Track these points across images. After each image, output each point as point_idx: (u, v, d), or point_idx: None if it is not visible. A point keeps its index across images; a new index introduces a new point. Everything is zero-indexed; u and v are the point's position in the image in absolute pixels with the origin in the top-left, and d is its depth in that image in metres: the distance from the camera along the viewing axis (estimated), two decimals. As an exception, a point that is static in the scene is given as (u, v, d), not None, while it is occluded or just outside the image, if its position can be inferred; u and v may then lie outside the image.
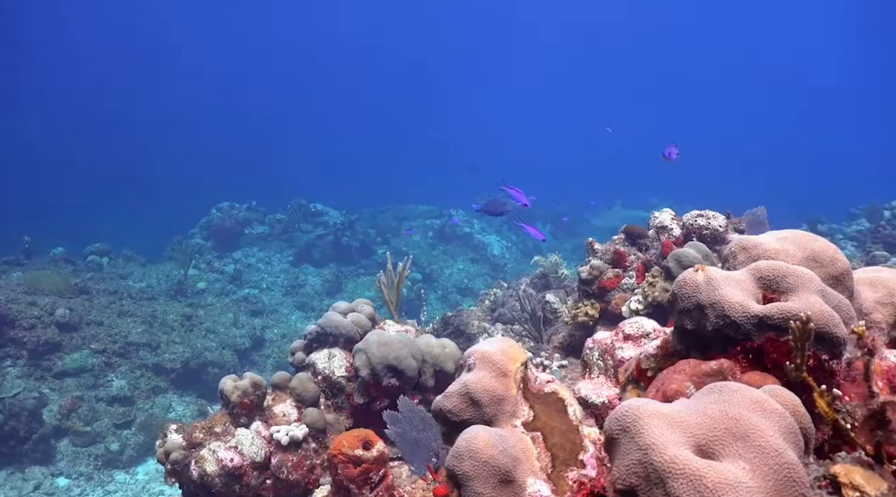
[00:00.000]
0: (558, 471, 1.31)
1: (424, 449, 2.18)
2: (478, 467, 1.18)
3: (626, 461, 0.98)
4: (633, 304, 3.72)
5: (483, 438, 1.21)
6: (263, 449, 3.08)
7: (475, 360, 1.53)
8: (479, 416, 1.42)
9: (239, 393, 3.19)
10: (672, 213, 4.12)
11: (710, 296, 1.35)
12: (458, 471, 1.21)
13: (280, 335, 11.61)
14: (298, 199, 16.74)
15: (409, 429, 2.31)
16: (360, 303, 3.95)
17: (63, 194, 25.51)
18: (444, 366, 3.49)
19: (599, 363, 1.86)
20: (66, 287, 9.93)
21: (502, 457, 1.19)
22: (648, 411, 1.00)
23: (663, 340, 1.58)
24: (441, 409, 1.48)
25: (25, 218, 19.02)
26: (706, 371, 1.28)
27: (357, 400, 3.43)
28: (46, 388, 8.33)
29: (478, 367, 1.50)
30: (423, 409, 2.47)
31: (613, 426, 1.04)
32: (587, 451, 1.35)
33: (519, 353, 1.64)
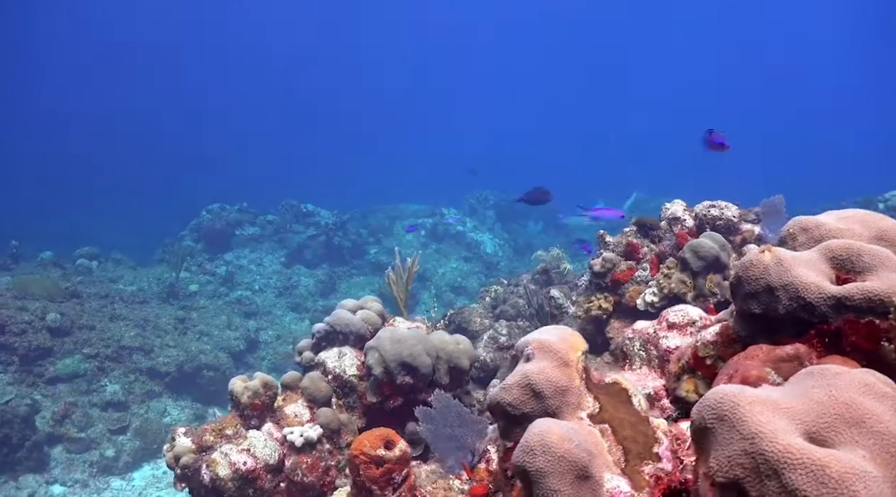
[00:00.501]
0: (632, 465, 1.23)
1: (460, 446, 2.09)
2: (553, 463, 1.09)
3: (728, 452, 0.90)
4: (648, 296, 3.66)
5: (557, 432, 1.13)
6: (277, 451, 2.98)
7: (534, 349, 1.44)
8: (542, 409, 1.33)
9: (250, 394, 3.09)
10: (684, 203, 4.06)
11: (782, 277, 1.27)
12: (531, 467, 1.12)
13: (274, 337, 11.48)
14: (289, 200, 16.59)
15: (444, 425, 2.22)
16: (368, 300, 3.86)
17: (46, 198, 25.17)
18: (458, 362, 3.41)
19: (641, 353, 1.78)
20: (57, 291, 9.76)
21: (578, 451, 1.11)
22: (748, 398, 0.92)
23: (723, 327, 1.51)
24: (500, 403, 1.39)
25: (9, 222, 18.75)
26: (782, 356, 1.21)
27: (370, 399, 3.34)
28: (39, 395, 8.16)
29: (537, 357, 1.42)
30: (459, 403, 2.37)
31: (707, 415, 0.96)
32: (661, 444, 1.27)
33: (579, 342, 1.55)
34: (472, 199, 20.06)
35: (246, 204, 16.33)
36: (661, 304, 3.63)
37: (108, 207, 24.61)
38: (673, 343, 1.72)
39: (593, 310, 3.85)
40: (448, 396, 2.40)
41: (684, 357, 1.60)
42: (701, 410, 0.98)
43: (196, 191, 23.21)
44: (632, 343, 1.80)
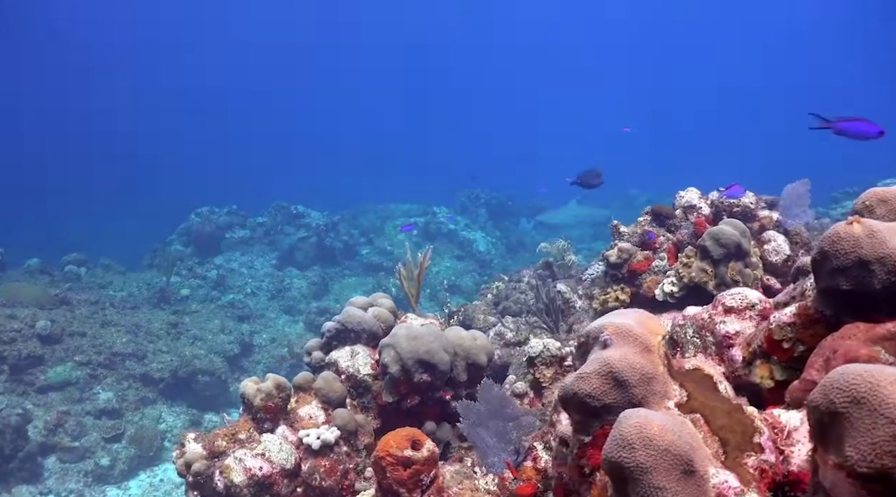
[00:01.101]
0: (733, 457, 1.12)
1: (503, 443, 1.97)
2: (656, 457, 0.98)
3: (871, 439, 0.80)
4: (667, 286, 3.56)
5: (657, 422, 1.02)
6: (293, 455, 2.85)
7: (612, 334, 1.33)
8: (626, 399, 1.22)
9: (262, 396, 2.96)
10: (698, 191, 3.97)
11: (876, 250, 1.17)
12: (629, 462, 1.01)
13: (269, 340, 11.31)
14: (279, 202, 16.40)
15: (488, 419, 2.10)
16: (378, 297, 3.74)
17: (29, 204, 24.81)
18: (476, 358, 3.30)
19: (695, 340, 1.68)
20: (46, 298, 9.55)
21: (682, 443, 1.00)
22: (888, 377, 0.82)
23: (800, 307, 1.41)
24: (576, 394, 1.28)
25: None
26: (884, 334, 1.11)
27: (385, 398, 3.22)
28: (30, 404, 7.96)
29: (616, 343, 1.31)
30: (506, 395, 2.25)
31: (837, 398, 0.86)
32: (762, 433, 1.17)
33: (657, 325, 1.45)
34: (463, 198, 19.96)
35: (235, 206, 16.14)
36: (680, 294, 3.54)
37: (93, 213, 24.30)
38: (732, 328, 1.62)
39: (610, 302, 3.75)
40: (497, 387, 2.27)
41: (755, 341, 1.50)
42: (827, 393, 0.88)
43: (183, 194, 22.95)
44: (683, 330, 1.70)
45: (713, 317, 1.68)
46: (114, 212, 24.71)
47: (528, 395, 3.66)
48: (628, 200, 23.50)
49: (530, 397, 3.67)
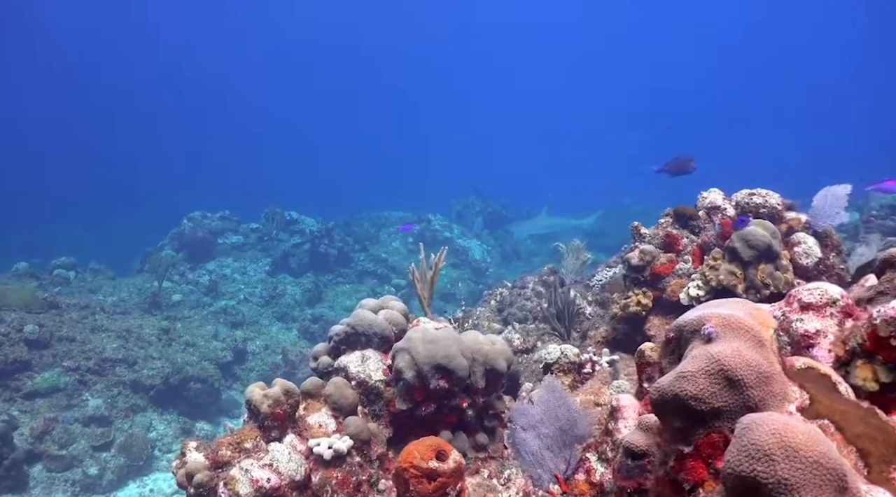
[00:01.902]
0: (878, 471, 0.95)
1: (554, 452, 1.79)
2: (804, 471, 0.81)
3: None
4: (693, 289, 3.41)
5: (802, 430, 0.85)
6: (303, 466, 2.66)
7: (717, 327, 1.16)
8: (741, 402, 1.05)
9: (270, 402, 2.77)
10: (721, 192, 3.82)
11: None
12: (768, 478, 0.84)
13: (262, 347, 11.08)
14: (273, 208, 16.16)
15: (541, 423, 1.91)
16: (388, 299, 3.55)
17: (17, 209, 24.43)
18: (494, 364, 3.12)
19: (769, 341, 1.52)
20: (35, 302, 9.29)
21: (833, 455, 0.83)
22: None
23: (910, 300, 1.25)
24: (678, 396, 1.10)
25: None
26: None
27: (399, 406, 3.03)
28: (16, 410, 7.70)
29: (724, 337, 1.14)
30: (568, 397, 2.07)
31: None
32: (910, 444, 1.00)
33: (768, 317, 1.27)
34: (458, 206, 19.83)
35: (228, 211, 15.90)
36: (706, 297, 3.38)
37: (83, 218, 23.97)
38: (811, 326, 1.46)
39: (631, 306, 3.58)
40: (559, 386, 2.08)
41: (852, 339, 1.34)
42: None
43: (175, 199, 22.69)
44: (749, 330, 1.53)
45: (787, 314, 1.52)
46: (104, 217, 24.40)
47: (546, 403, 3.49)
48: (622, 209, 23.44)
49: (548, 406, 3.49)
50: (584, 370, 3.57)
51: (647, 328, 3.53)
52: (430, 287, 3.81)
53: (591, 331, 4.25)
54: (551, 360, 3.59)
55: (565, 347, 3.61)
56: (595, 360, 3.56)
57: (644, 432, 1.31)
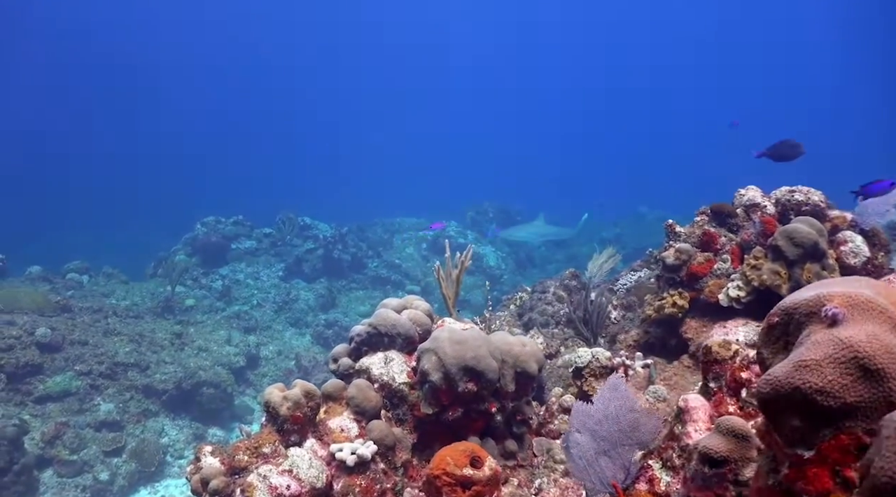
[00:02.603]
0: None
1: (612, 458, 1.63)
2: None
3: None
4: (733, 290, 3.23)
5: None
6: (324, 472, 2.51)
7: (842, 307, 0.99)
8: (881, 396, 0.88)
9: (289, 405, 2.62)
10: (759, 189, 3.65)
11: None
12: None
13: (276, 352, 10.95)
14: (287, 213, 16.08)
15: (605, 425, 1.74)
16: (411, 299, 3.40)
17: (33, 215, 24.49)
18: (525, 366, 2.95)
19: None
20: (47, 305, 9.21)
21: None
22: None
23: None
24: (799, 388, 0.93)
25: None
26: None
27: (424, 410, 2.87)
28: (27, 414, 7.60)
29: (852, 319, 0.97)
30: (632, 396, 1.90)
31: None
32: None
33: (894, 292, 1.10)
34: (472, 212, 19.68)
35: (242, 216, 15.82)
36: (747, 299, 3.21)
37: (96, 223, 23.99)
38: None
39: (667, 307, 3.41)
40: (623, 385, 1.91)
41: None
42: None
43: (188, 204, 22.68)
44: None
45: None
46: (117, 222, 24.42)
47: (577, 409, 3.32)
48: (637, 218, 23.25)
49: (579, 412, 3.32)
50: (616, 375, 3.39)
51: (684, 331, 3.36)
52: (456, 286, 3.66)
53: (621, 334, 4.08)
54: (582, 364, 3.42)
55: (596, 351, 3.45)
56: (628, 365, 3.39)
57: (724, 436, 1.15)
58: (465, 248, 3.96)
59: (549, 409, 3.34)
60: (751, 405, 1.58)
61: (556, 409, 3.31)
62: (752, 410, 1.58)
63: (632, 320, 4.20)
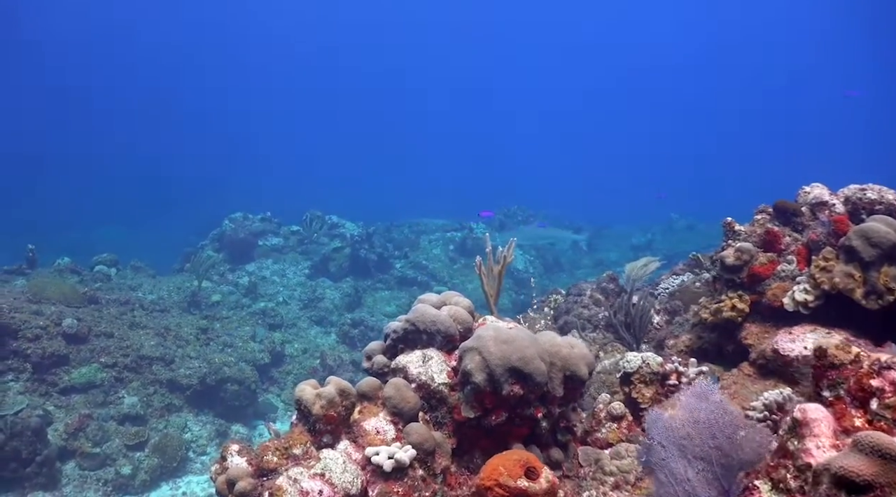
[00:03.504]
0: None
1: (708, 478, 1.41)
2: None
3: None
4: (799, 294, 2.99)
5: None
6: (359, 477, 2.32)
7: None
8: None
9: (323, 403, 2.43)
10: (826, 187, 3.40)
11: None
12: None
13: (301, 350, 10.83)
14: (314, 211, 16.01)
15: (696, 440, 1.52)
16: (450, 295, 3.21)
17: (63, 210, 24.76)
18: (575, 370, 2.74)
19: None
20: (74, 296, 9.17)
21: None
22: None
23: None
24: None
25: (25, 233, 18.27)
26: None
27: (465, 413, 2.67)
28: (52, 405, 7.54)
29: None
30: (728, 406, 1.69)
31: None
32: None
33: None
34: (500, 215, 19.46)
35: (269, 213, 15.78)
36: (815, 303, 2.96)
37: (124, 218, 24.19)
38: None
39: (725, 311, 3.18)
40: (715, 391, 1.70)
41: None
42: None
43: (215, 201, 22.76)
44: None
45: None
46: (146, 217, 24.62)
47: (626, 417, 3.10)
48: (668, 225, 22.87)
49: (629, 421, 3.11)
50: (668, 382, 3.17)
51: (743, 337, 3.12)
52: (498, 283, 3.45)
53: (669, 339, 3.84)
54: (631, 369, 3.20)
55: (647, 355, 3.23)
56: (681, 371, 3.16)
57: (866, 456, 0.95)
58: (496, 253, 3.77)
59: (595, 417, 3.12)
60: (883, 419, 1.37)
61: (603, 416, 3.09)
62: (884, 425, 1.37)
63: (682, 325, 3.97)
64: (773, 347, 2.88)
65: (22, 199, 25.46)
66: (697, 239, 20.07)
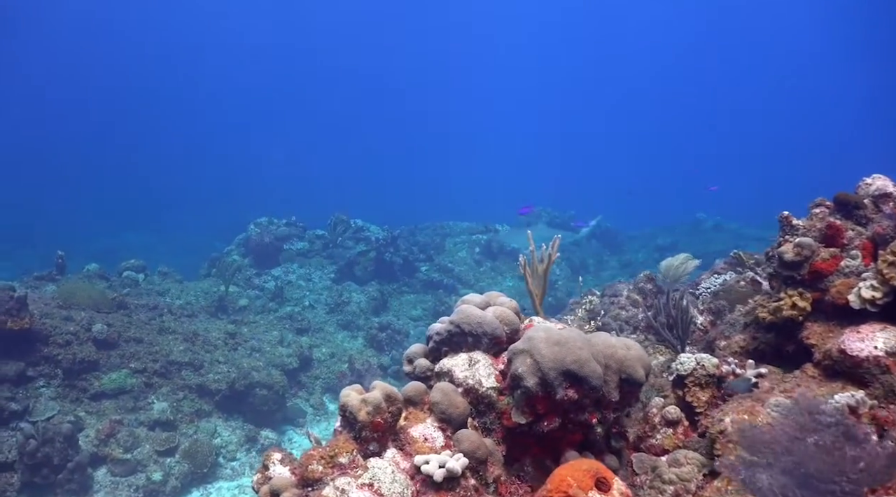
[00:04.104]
0: None
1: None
2: None
3: None
4: (866, 291, 2.82)
5: None
6: (409, 488, 2.20)
7: None
8: None
9: (369, 409, 2.32)
10: (889, 178, 3.23)
11: None
12: None
13: (328, 355, 10.75)
14: (339, 215, 15.97)
15: (800, 457, 1.36)
16: (494, 295, 3.08)
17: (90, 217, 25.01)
18: (632, 372, 2.60)
19: None
20: (104, 301, 9.17)
21: None
22: None
23: None
24: None
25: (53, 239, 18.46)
26: None
27: (515, 419, 2.54)
28: (82, 411, 7.52)
29: None
30: (852, 420, 1.54)
31: None
32: None
33: None
34: (524, 217, 19.29)
35: (294, 217, 15.76)
36: (884, 300, 2.79)
37: (150, 225, 24.37)
38: None
39: (785, 310, 3.01)
40: (821, 404, 1.56)
41: None
42: None
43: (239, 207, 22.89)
44: None
45: None
46: (171, 224, 24.78)
47: (682, 422, 2.95)
48: (695, 225, 22.54)
49: (684, 426, 2.95)
50: (725, 385, 3.01)
51: (805, 337, 2.95)
52: (543, 282, 3.32)
53: (719, 341, 3.68)
54: (684, 372, 3.05)
55: (701, 357, 3.07)
56: (738, 373, 3.00)
57: None
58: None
59: (648, 421, 2.98)
60: None
61: (657, 421, 2.94)
62: None
63: (732, 325, 3.79)
64: (840, 347, 2.72)
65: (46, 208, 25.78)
66: (726, 238, 19.72)
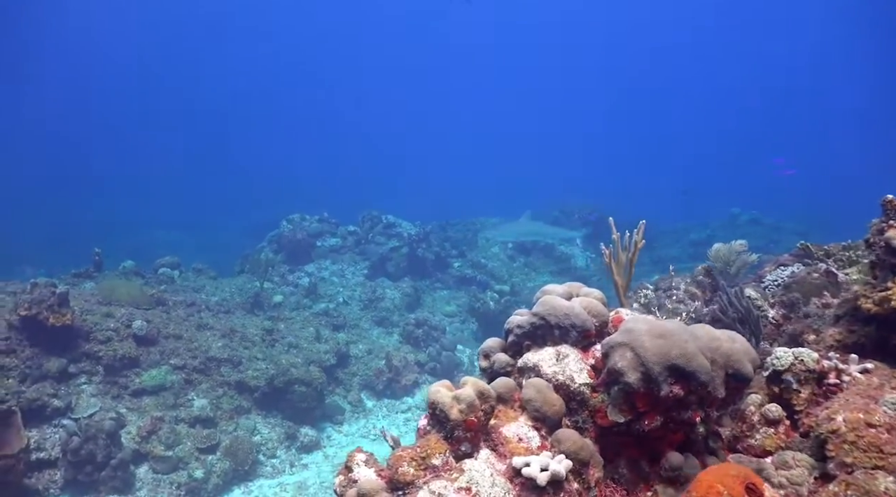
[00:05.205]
0: None
1: None
2: None
3: None
4: None
5: None
6: (510, 492, 2.02)
7: None
8: None
9: (462, 407, 2.14)
10: None
11: None
12: None
13: (365, 351, 10.63)
14: (370, 211, 15.87)
15: None
16: (576, 286, 2.89)
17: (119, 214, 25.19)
18: (739, 367, 2.39)
19: None
20: (143, 298, 9.12)
21: None
22: None
23: None
24: None
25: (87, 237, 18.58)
26: None
27: (612, 417, 2.34)
28: (124, 408, 7.46)
29: None
30: None
31: None
32: None
33: None
34: (556, 212, 19.03)
35: (326, 213, 15.68)
36: None
37: (183, 223, 24.48)
38: None
39: (893, 300, 2.78)
40: None
41: None
42: None
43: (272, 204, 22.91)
44: None
45: None
46: (204, 222, 24.88)
47: (783, 421, 2.74)
48: (730, 220, 22.09)
49: (785, 425, 2.74)
50: (826, 381, 2.79)
51: (917, 329, 2.73)
52: (629, 271, 3.12)
53: (807, 334, 3.45)
54: (781, 367, 2.83)
55: (800, 351, 2.85)
56: (841, 369, 2.78)
57: None
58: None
59: (745, 420, 2.76)
60: None
61: (756, 420, 2.73)
62: None
63: (820, 317, 3.56)
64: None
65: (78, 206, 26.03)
66: (764, 233, 19.25)
